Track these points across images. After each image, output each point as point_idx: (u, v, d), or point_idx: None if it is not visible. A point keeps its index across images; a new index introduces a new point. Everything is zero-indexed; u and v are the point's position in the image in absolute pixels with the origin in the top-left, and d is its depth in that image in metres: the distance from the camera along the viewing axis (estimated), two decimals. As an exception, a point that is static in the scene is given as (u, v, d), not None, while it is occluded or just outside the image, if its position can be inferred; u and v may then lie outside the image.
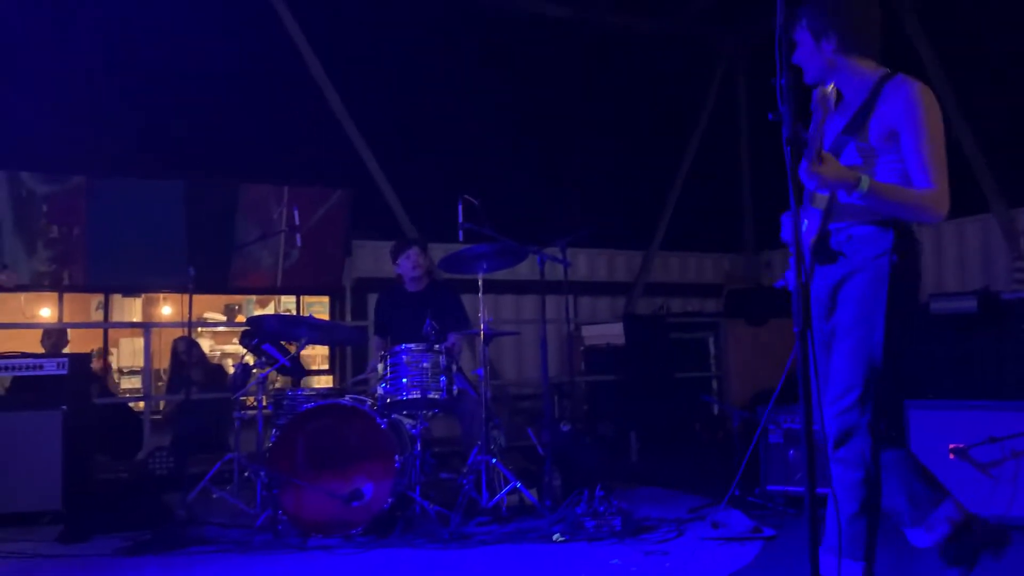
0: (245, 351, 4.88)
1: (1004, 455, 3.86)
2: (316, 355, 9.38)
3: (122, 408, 6.58)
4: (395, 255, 5.21)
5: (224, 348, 9.90)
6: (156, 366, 8.27)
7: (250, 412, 4.74)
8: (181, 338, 7.09)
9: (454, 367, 4.45)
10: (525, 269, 6.84)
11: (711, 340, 8.09)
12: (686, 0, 8.09)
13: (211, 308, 9.87)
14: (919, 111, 2.42)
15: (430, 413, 4.48)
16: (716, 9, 8.10)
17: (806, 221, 2.58)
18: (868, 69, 2.58)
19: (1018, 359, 5.49)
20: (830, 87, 2.46)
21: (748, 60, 9.58)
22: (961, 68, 7.10)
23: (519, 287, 8.28)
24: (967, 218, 7.73)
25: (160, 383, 8.39)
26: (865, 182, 2.36)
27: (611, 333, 7.98)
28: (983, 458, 3.91)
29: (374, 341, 5.40)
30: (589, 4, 8.06)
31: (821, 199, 2.54)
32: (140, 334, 7.43)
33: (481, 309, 4.51)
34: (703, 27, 8.73)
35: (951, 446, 4.00)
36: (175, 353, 7.14)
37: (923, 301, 6.36)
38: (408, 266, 5.13)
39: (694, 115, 9.48)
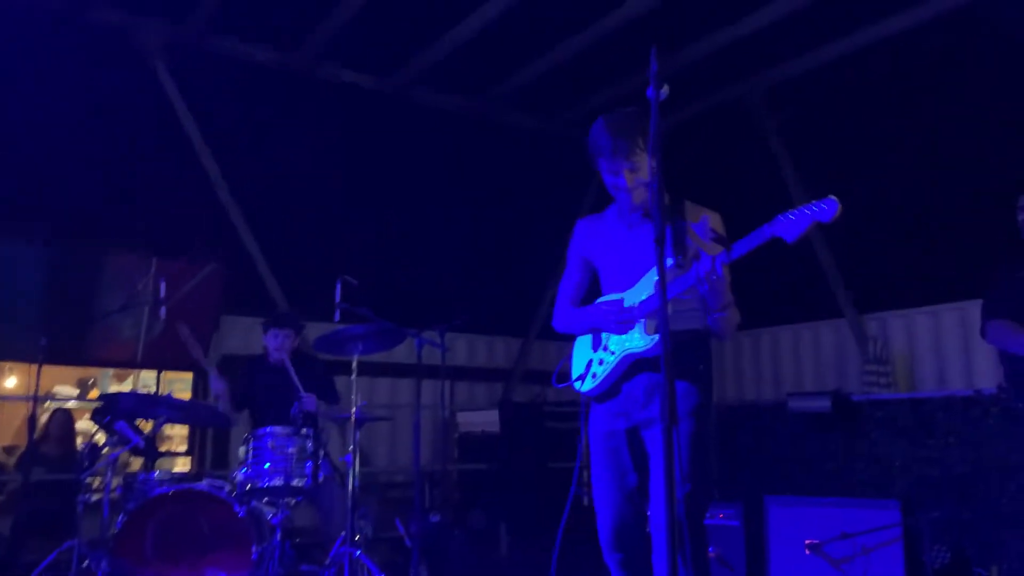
0: (96, 428, 4.57)
1: (855, 551, 4.02)
2: (175, 436, 8.89)
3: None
4: (273, 325, 5.07)
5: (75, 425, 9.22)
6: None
7: (96, 495, 4.41)
8: (60, 409, 6.70)
9: (321, 452, 4.30)
10: (403, 353, 6.78)
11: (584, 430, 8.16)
12: (571, 103, 8.45)
13: (63, 381, 9.23)
14: (723, 230, 2.70)
15: (293, 501, 4.28)
16: (596, 115, 8.50)
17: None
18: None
19: (868, 458, 5.80)
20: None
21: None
22: (818, 182, 7.68)
23: (395, 370, 8.17)
24: (822, 322, 8.24)
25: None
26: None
27: (486, 420, 7.94)
28: (836, 554, 4.06)
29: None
30: (478, 97, 8.29)
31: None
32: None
33: (354, 392, 4.40)
34: (585, 129, 9.12)
35: (807, 541, 4.15)
36: (47, 427, 6.61)
37: (781, 400, 6.67)
38: (276, 344, 5.01)
39: (574, 210, 9.80)
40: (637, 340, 2.76)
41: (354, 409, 4.35)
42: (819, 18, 6.39)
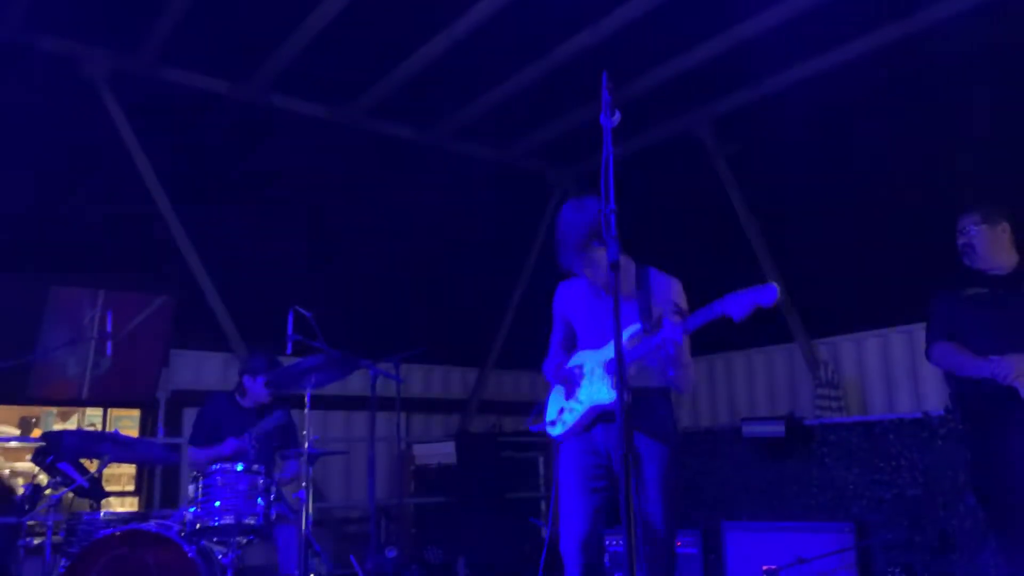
0: (38, 469, 4.41)
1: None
2: (122, 475, 8.62)
3: None
4: (263, 371, 4.92)
5: (16, 465, 8.91)
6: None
7: (39, 538, 4.24)
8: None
9: (273, 489, 4.20)
10: (357, 385, 6.69)
11: (540, 460, 8.13)
12: (525, 133, 8.50)
13: (3, 420, 8.93)
14: (684, 300, 3.12)
15: (244, 540, 4.17)
16: (548, 145, 8.60)
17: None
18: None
19: (822, 481, 5.86)
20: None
21: (577, 190, 10.13)
22: (768, 211, 7.81)
23: (349, 403, 8.05)
24: (775, 346, 8.34)
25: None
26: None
27: (442, 452, 7.86)
28: (794, 579, 4.08)
29: (189, 451, 5.02)
30: (432, 127, 8.30)
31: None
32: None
33: (307, 426, 4.32)
34: (538, 160, 9.19)
35: (764, 567, 4.16)
36: None
37: (735, 425, 6.72)
38: (260, 388, 4.88)
39: (529, 240, 9.84)
40: (604, 394, 3.06)
41: (307, 444, 4.27)
42: (765, 49, 6.54)
